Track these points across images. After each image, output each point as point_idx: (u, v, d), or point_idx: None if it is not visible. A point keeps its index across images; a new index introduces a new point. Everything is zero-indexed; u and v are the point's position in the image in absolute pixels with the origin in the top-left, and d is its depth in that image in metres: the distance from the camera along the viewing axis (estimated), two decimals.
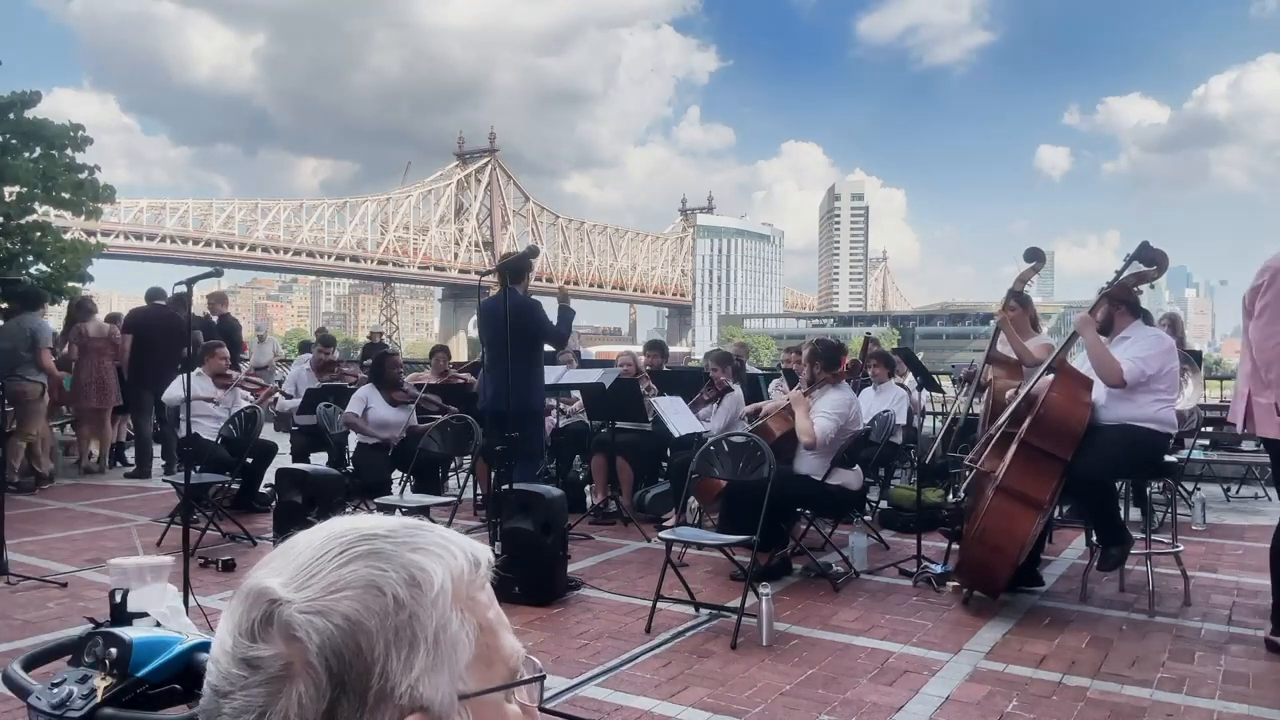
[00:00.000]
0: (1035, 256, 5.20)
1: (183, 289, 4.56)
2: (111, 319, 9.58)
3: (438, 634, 0.65)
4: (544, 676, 0.73)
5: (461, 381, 8.23)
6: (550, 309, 6.30)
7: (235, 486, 6.78)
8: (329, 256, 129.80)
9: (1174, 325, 5.13)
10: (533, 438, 5.99)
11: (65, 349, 8.69)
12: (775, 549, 5.05)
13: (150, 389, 8.44)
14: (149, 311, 8.80)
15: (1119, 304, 4.55)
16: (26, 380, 7.65)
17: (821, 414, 5.11)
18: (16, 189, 10.25)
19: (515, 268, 5.96)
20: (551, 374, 6.77)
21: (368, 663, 0.63)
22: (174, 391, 6.83)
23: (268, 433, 7.38)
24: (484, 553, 0.72)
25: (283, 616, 0.63)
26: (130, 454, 9.47)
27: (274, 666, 0.62)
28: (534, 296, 6.23)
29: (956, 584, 4.78)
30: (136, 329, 8.64)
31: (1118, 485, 4.63)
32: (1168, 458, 4.82)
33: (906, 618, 4.43)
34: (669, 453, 7.19)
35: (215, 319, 10.01)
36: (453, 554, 0.69)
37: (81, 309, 8.93)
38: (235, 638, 0.64)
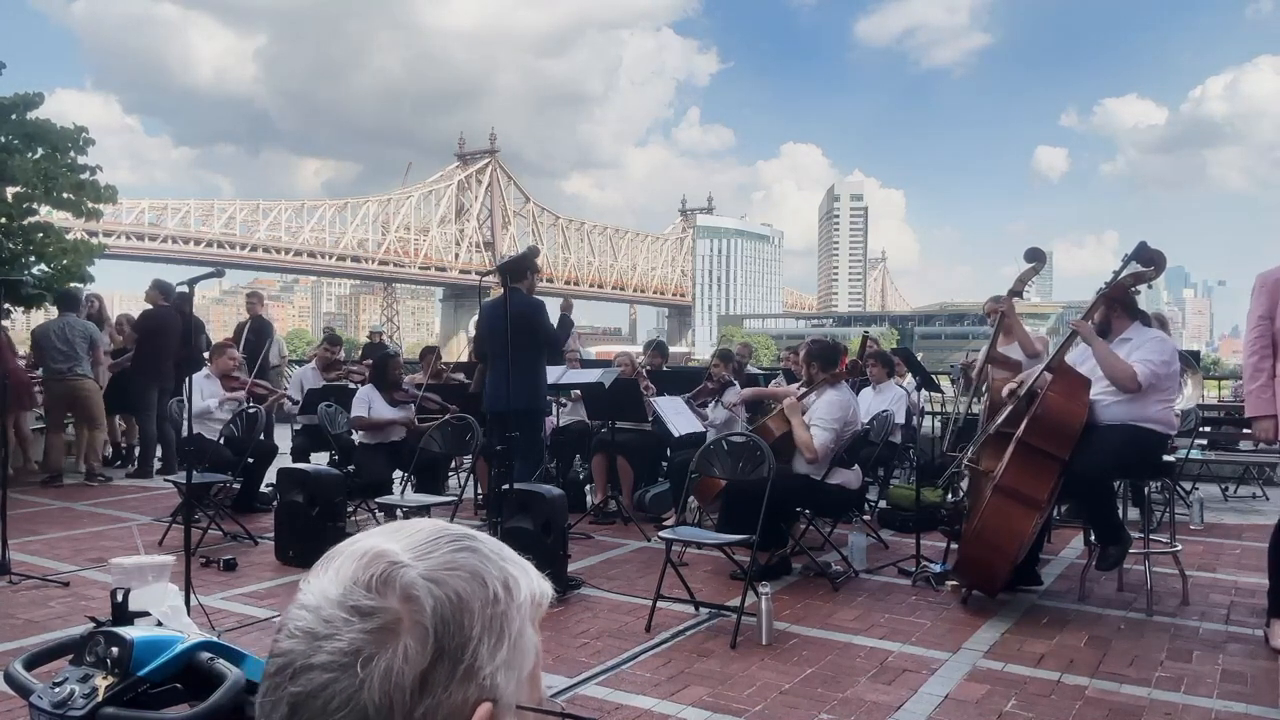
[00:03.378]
0: (1036, 257, 5.19)
1: (184, 290, 4.57)
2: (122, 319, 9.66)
3: (518, 637, 0.71)
4: (567, 716, 0.77)
5: (457, 381, 8.24)
6: (553, 311, 6.32)
7: (236, 486, 6.79)
8: (330, 257, 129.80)
9: (1163, 326, 5.15)
10: (533, 439, 6.01)
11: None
12: (775, 548, 5.06)
13: (157, 387, 8.52)
14: (160, 311, 8.86)
15: (1115, 305, 4.56)
16: (88, 377, 8.20)
17: (818, 424, 5.09)
18: (18, 190, 10.25)
19: (517, 268, 5.96)
20: (551, 374, 6.78)
21: (466, 638, 0.68)
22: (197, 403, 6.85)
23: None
24: (549, 590, 0.77)
25: (405, 578, 0.68)
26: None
27: (385, 618, 0.67)
28: (538, 296, 6.24)
29: (955, 583, 4.79)
30: (146, 328, 8.75)
31: (1116, 485, 4.64)
32: (1165, 457, 4.83)
33: (905, 617, 4.44)
34: (669, 452, 7.20)
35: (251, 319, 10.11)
36: (530, 578, 0.75)
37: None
38: (348, 587, 0.68)
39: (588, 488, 7.50)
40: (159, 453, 8.83)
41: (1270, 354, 3.90)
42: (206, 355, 7.75)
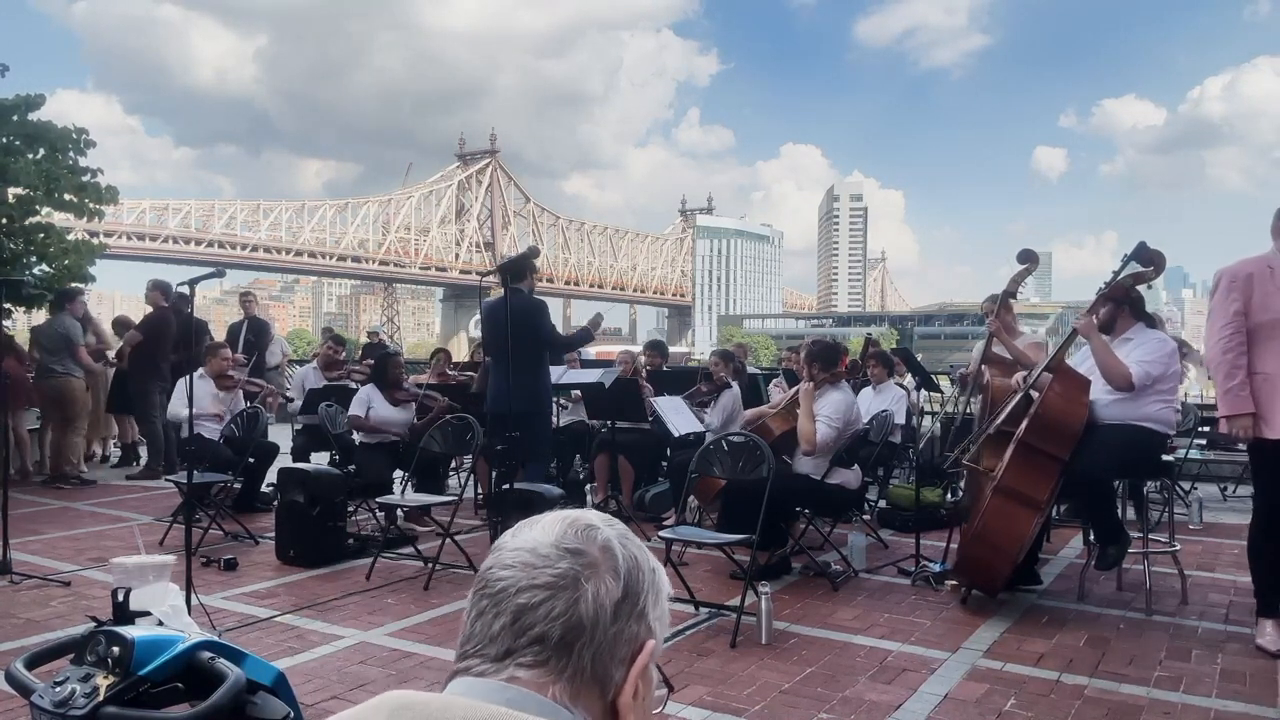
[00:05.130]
0: (1028, 258, 5.26)
1: (184, 290, 4.58)
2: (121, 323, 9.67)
3: (664, 606, 0.96)
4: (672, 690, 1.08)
5: (458, 380, 8.25)
6: (555, 311, 6.34)
7: (237, 486, 6.80)
8: (330, 257, 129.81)
9: (1160, 326, 5.16)
10: (540, 438, 6.01)
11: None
12: (774, 548, 5.06)
13: (156, 387, 8.57)
14: (162, 312, 8.88)
15: (1122, 305, 4.56)
16: (71, 376, 8.18)
17: (824, 419, 5.10)
18: (20, 191, 10.26)
19: (517, 267, 5.97)
20: (552, 374, 6.79)
21: (640, 589, 0.93)
22: (176, 408, 6.89)
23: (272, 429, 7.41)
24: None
25: (602, 534, 0.93)
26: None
27: (589, 558, 0.90)
28: (540, 297, 6.26)
29: (955, 583, 4.79)
30: (152, 328, 8.79)
31: (1115, 484, 4.64)
32: (1165, 457, 4.83)
33: (905, 616, 4.45)
34: (669, 452, 7.20)
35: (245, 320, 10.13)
36: (664, 573, 0.99)
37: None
38: (560, 535, 0.92)
39: (588, 487, 7.51)
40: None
41: (1246, 351, 3.85)
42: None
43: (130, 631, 1.51)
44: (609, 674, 0.88)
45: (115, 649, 1.47)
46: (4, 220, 10.33)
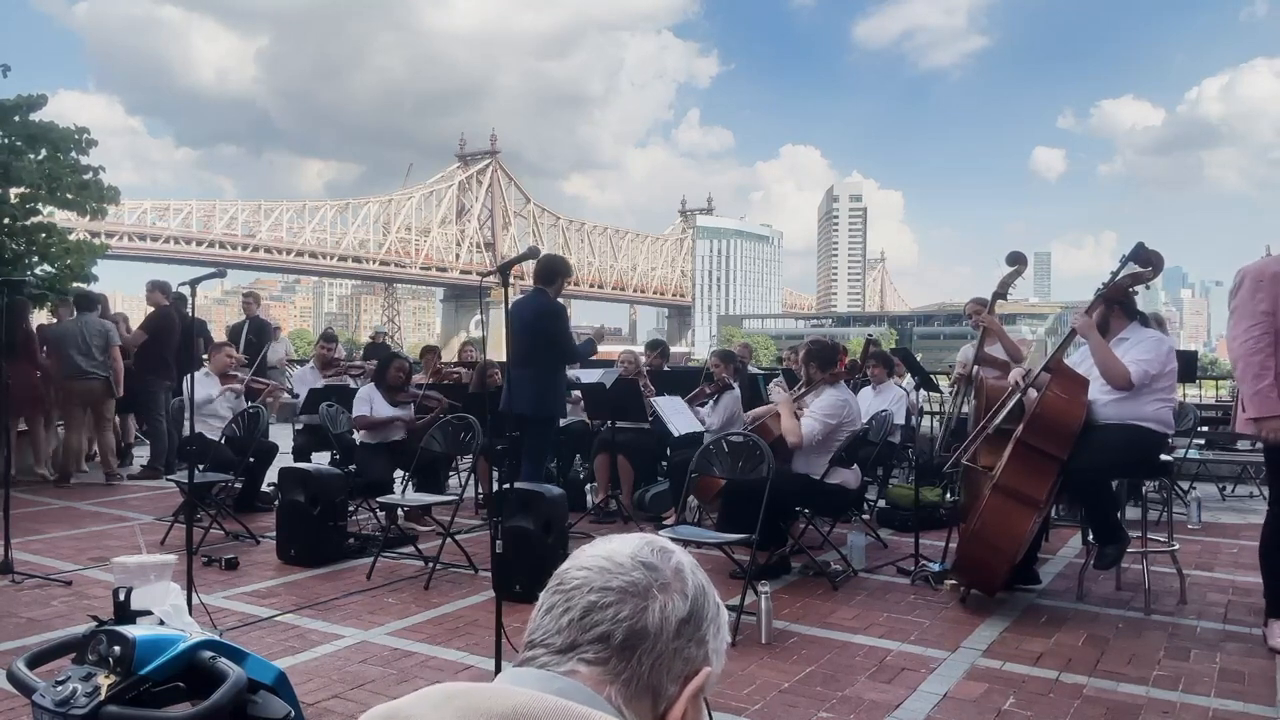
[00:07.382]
0: (1017, 260, 5.29)
1: (184, 290, 4.58)
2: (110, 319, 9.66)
3: (723, 644, 0.99)
4: None
5: (456, 378, 8.25)
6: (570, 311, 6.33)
7: (238, 486, 6.80)
8: (331, 257, 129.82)
9: (1160, 326, 5.16)
10: (541, 445, 6.00)
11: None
12: (774, 547, 5.07)
13: (164, 386, 8.59)
14: (166, 310, 8.90)
15: (1114, 305, 4.56)
16: (94, 376, 8.15)
17: (810, 415, 5.12)
18: (22, 190, 10.28)
19: (549, 271, 5.91)
20: None
21: (704, 615, 0.96)
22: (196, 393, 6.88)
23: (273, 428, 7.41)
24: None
25: (676, 557, 0.98)
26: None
27: (662, 576, 0.94)
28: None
29: (954, 582, 4.80)
30: (156, 327, 8.81)
31: (1114, 484, 4.64)
32: (1163, 457, 4.84)
33: (904, 615, 4.45)
34: (669, 452, 7.21)
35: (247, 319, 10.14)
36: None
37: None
38: (637, 550, 0.96)
39: (588, 487, 7.51)
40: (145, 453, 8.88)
41: (1275, 352, 3.80)
42: (205, 357, 7.79)
43: (131, 631, 1.52)
44: (663, 687, 0.91)
45: (117, 648, 1.48)
46: (6, 220, 10.34)
